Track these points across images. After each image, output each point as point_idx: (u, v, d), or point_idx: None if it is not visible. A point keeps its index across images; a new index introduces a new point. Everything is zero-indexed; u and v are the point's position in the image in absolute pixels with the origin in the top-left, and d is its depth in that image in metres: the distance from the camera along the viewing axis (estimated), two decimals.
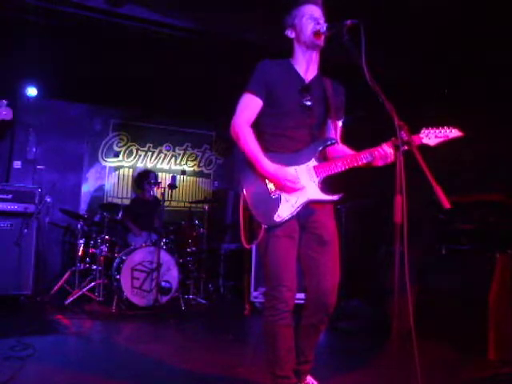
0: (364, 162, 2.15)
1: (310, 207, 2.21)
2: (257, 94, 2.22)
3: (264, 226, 2.14)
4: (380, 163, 2.13)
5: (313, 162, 2.20)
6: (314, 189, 2.18)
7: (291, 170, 2.18)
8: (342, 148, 2.35)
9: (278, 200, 2.16)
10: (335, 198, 2.21)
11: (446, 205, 1.75)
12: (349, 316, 4.79)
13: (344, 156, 2.23)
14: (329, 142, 2.26)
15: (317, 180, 2.19)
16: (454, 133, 2.13)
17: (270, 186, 2.19)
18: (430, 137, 2.12)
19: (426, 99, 4.95)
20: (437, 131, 2.12)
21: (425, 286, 3.95)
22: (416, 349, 1.70)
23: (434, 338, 3.59)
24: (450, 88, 4.73)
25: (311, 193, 2.18)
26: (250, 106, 2.23)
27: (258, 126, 2.28)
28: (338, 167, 2.18)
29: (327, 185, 2.22)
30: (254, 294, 4.95)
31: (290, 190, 2.15)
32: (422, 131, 2.14)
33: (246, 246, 2.21)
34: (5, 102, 2.48)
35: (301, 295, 2.34)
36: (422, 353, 1.72)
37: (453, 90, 4.70)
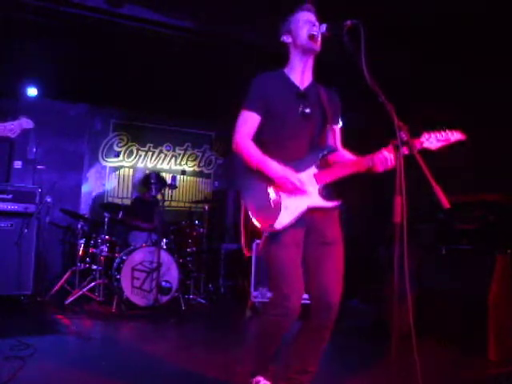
0: (364, 167, 2.15)
1: (314, 215, 2.22)
2: (254, 110, 2.26)
3: (265, 234, 2.15)
4: (380, 168, 2.11)
5: (313, 170, 2.21)
6: (315, 196, 2.19)
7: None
8: (343, 153, 2.36)
9: (278, 207, 2.17)
10: (335, 204, 2.21)
11: (446, 205, 1.75)
12: (349, 316, 4.79)
13: (344, 162, 2.25)
14: (327, 150, 2.26)
15: (317, 187, 2.20)
16: (456, 136, 2.11)
17: (271, 194, 2.20)
18: (432, 141, 2.09)
19: (426, 99, 4.95)
20: (438, 135, 2.09)
21: (425, 286, 3.95)
22: (416, 349, 1.70)
23: (434, 338, 3.59)
24: (449, 87, 4.73)
25: (311, 200, 2.19)
26: (248, 122, 2.28)
27: (260, 140, 2.30)
28: (339, 173, 2.19)
29: (328, 191, 2.23)
30: (254, 293, 4.95)
31: (297, 192, 2.16)
32: (423, 135, 2.11)
33: (247, 254, 2.25)
34: (24, 116, 2.81)
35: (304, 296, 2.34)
36: (421, 353, 1.72)
37: (453, 90, 4.70)
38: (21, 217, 4.74)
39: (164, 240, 5.09)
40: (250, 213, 2.19)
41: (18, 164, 5.85)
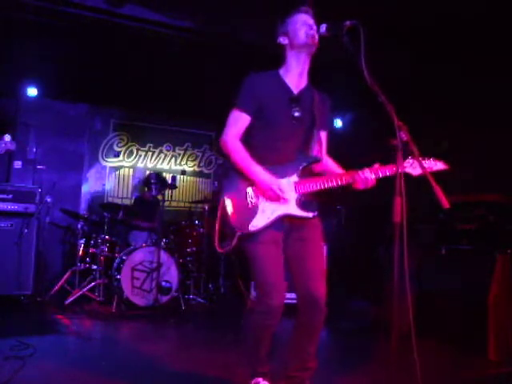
0: (344, 183, 2.17)
1: (291, 221, 2.23)
2: (244, 111, 2.25)
3: (238, 233, 2.17)
4: (361, 187, 2.13)
5: (294, 178, 2.22)
6: (292, 204, 2.20)
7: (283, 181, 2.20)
8: (327, 163, 2.38)
9: (256, 210, 2.19)
10: (310, 215, 2.23)
11: (446, 205, 1.75)
12: (349, 316, 4.79)
13: (326, 175, 2.27)
14: (313, 160, 2.28)
15: (295, 196, 2.21)
16: (439, 165, 2.11)
17: (250, 196, 2.22)
18: (415, 166, 2.09)
19: (426, 99, 4.95)
20: (422, 162, 2.07)
21: (425, 286, 3.95)
22: (416, 349, 1.70)
23: (434, 338, 3.60)
24: (450, 87, 4.73)
25: (288, 208, 2.20)
26: (237, 122, 2.26)
27: (248, 138, 2.30)
28: (318, 185, 2.19)
29: (306, 201, 2.24)
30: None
31: (277, 200, 2.17)
32: (407, 160, 2.10)
33: (219, 250, 2.26)
34: (9, 136, 2.80)
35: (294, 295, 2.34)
36: (421, 353, 1.72)
37: (453, 90, 4.70)
38: (21, 217, 4.74)
39: (164, 240, 5.09)
40: (227, 211, 2.22)
41: (18, 164, 5.84)
